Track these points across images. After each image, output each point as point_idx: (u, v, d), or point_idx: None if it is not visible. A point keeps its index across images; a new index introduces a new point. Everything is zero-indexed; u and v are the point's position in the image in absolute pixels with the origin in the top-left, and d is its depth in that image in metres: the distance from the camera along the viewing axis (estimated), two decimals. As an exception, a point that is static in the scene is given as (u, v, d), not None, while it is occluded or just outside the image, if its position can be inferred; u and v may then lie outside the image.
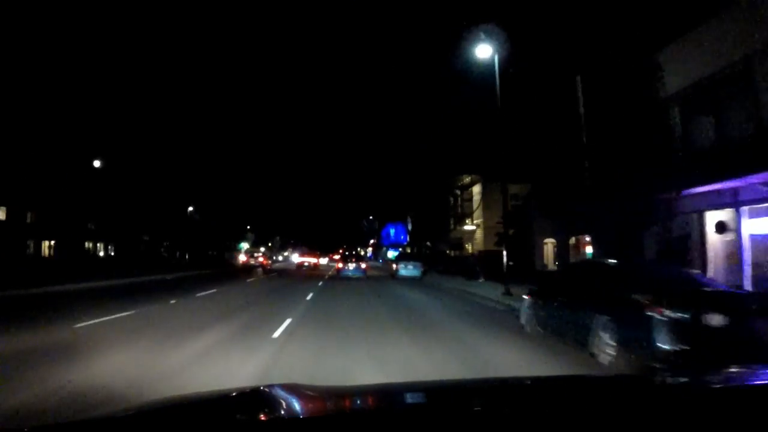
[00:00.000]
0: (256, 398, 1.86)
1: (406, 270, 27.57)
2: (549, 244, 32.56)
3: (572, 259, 31.09)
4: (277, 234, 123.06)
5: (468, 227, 44.32)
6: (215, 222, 76.56)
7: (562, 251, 30.99)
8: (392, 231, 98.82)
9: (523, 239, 33.63)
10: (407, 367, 7.20)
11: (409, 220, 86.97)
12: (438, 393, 2.22)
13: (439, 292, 21.05)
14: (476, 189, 45.00)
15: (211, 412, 1.74)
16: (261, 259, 63.44)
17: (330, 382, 4.56)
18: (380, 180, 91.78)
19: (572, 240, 30.79)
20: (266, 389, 1.93)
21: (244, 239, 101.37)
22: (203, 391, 2.28)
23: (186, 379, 6.15)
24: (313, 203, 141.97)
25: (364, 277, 31.04)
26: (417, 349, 8.55)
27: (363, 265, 33.06)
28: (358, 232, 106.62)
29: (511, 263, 36.08)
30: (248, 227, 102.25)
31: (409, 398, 2.10)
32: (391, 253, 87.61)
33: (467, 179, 45.70)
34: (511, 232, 39.25)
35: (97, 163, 46.78)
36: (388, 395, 2.20)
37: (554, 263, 31.59)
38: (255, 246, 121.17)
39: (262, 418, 1.66)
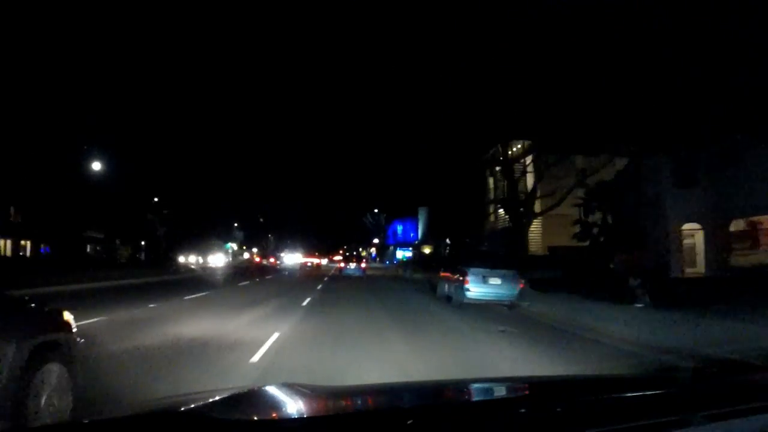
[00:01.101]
0: (256, 398, 1.82)
1: (487, 287, 12.40)
2: (685, 234, 20.08)
3: (738, 257, 18.77)
4: (269, 232, 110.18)
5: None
6: (192, 218, 64.05)
7: (717, 244, 18.58)
8: (400, 228, 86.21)
9: (633, 228, 21.22)
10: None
11: (420, 214, 74.67)
12: (439, 393, 2.24)
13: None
14: (528, 163, 32.54)
15: (211, 412, 1.65)
16: (272, 260, 68.99)
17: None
18: (385, 168, 79.29)
19: (736, 224, 18.57)
20: (266, 389, 1.88)
21: (230, 238, 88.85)
22: (203, 391, 2.28)
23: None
24: (310, 198, 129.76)
25: (364, 277, 31.62)
26: None
27: (363, 265, 37.03)
28: (361, 228, 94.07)
29: (611, 266, 23.99)
30: (236, 225, 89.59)
31: (410, 398, 2.12)
32: (401, 253, 75.08)
33: (513, 150, 33.19)
34: (595, 218, 27.23)
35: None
36: (388, 395, 2.19)
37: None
38: (245, 247, 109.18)
39: (261, 418, 1.62)
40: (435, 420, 1.52)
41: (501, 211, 34.72)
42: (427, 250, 54.84)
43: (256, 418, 1.61)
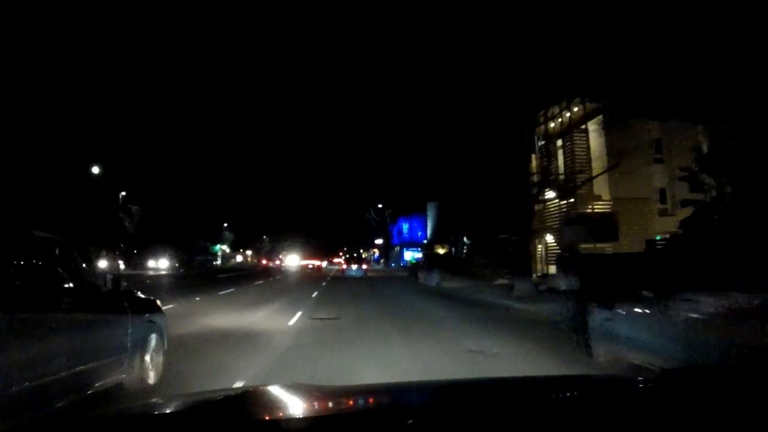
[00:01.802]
0: (257, 398, 1.84)
1: None
2: None
3: None
4: (263, 233, 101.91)
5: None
6: (172, 217, 56.09)
7: None
8: (405, 226, 77.79)
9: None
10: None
11: (429, 210, 66.58)
12: (439, 393, 2.20)
13: None
14: (592, 130, 24.67)
15: (211, 412, 1.67)
16: (278, 263, 71.49)
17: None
18: (389, 160, 71.24)
19: None
20: (266, 389, 1.93)
21: (220, 240, 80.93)
22: (204, 391, 2.36)
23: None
24: (308, 197, 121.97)
25: (365, 277, 32.66)
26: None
27: (364, 266, 38.75)
28: (362, 228, 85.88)
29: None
30: (225, 225, 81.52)
31: (410, 398, 2.09)
32: (410, 254, 66.83)
33: (574, 112, 25.21)
34: (704, 197, 18.53)
35: None
36: (388, 395, 2.14)
37: None
38: (242, 249, 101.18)
39: (262, 418, 1.61)
40: (435, 420, 1.50)
41: (550, 195, 26.77)
42: (441, 251, 46.83)
43: (257, 418, 1.60)
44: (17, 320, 3.26)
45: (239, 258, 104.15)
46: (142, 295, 5.60)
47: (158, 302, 5.75)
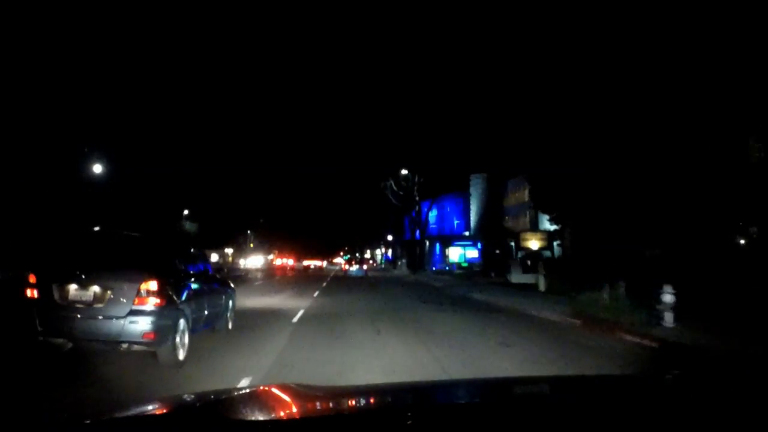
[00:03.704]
0: (256, 398, 1.84)
1: None
2: None
3: None
4: (242, 226, 80.00)
5: None
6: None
7: None
8: (433, 214, 54.99)
9: None
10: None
11: (473, 188, 44.75)
12: (439, 393, 2.22)
13: None
14: None
15: (210, 412, 1.66)
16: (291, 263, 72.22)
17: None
18: (409, 113, 48.73)
19: None
20: (266, 389, 1.95)
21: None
22: (204, 391, 2.23)
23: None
24: (303, 186, 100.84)
25: (365, 277, 35.51)
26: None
27: (365, 267, 43.53)
28: (369, 221, 64.24)
29: None
30: (185, 212, 59.65)
31: (410, 398, 2.08)
32: (457, 252, 44.54)
33: None
34: None
35: None
36: (388, 395, 2.15)
37: None
38: (215, 245, 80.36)
39: (262, 419, 1.62)
40: (435, 420, 1.49)
41: None
42: (534, 244, 25.09)
43: (256, 418, 1.58)
44: (197, 287, 7.61)
45: (215, 257, 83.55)
46: (224, 276, 10.48)
47: (231, 283, 10.46)
